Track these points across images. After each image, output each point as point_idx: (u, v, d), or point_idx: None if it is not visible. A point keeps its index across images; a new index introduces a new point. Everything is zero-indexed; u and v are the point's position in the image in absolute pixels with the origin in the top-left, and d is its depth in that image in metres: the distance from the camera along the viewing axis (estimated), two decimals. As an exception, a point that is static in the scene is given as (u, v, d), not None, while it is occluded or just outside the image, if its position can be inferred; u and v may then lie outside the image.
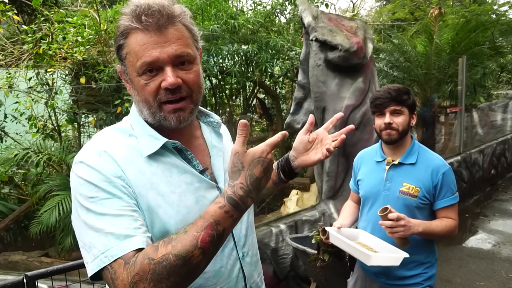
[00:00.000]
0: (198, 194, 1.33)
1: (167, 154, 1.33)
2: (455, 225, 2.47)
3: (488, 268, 5.25)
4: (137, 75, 1.27)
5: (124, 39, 1.28)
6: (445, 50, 8.42)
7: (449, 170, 2.48)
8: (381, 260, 2.21)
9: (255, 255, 1.52)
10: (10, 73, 6.01)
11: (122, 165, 1.26)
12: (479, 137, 10.78)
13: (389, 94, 2.44)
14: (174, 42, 1.25)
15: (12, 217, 6.05)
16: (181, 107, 1.29)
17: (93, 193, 1.20)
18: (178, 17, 1.28)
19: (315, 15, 4.51)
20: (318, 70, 4.39)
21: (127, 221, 1.17)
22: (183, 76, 1.28)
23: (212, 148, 1.48)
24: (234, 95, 7.65)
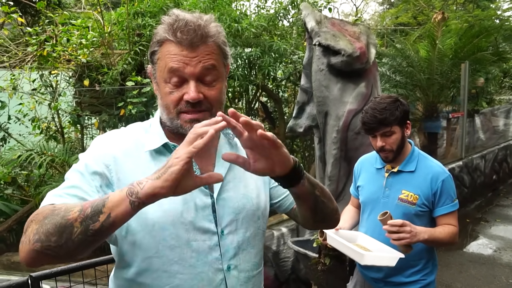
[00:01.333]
0: (187, 196, 1.31)
1: (167, 154, 1.41)
2: (456, 231, 2.47)
3: (489, 273, 5.26)
4: (164, 81, 1.36)
5: (159, 47, 1.36)
6: (448, 55, 8.43)
7: (448, 178, 2.48)
8: (375, 260, 2.20)
9: (247, 271, 1.49)
10: (14, 75, 6.03)
11: (121, 155, 1.38)
12: (481, 142, 10.79)
13: (375, 118, 2.42)
14: (203, 57, 1.33)
15: (15, 218, 6.07)
16: (198, 118, 1.34)
17: (80, 163, 1.36)
18: (212, 37, 1.35)
19: (318, 20, 4.53)
20: (321, 75, 4.41)
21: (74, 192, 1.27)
22: (206, 91, 1.36)
23: (219, 158, 1.49)
24: (237, 98, 7.66)
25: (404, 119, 2.49)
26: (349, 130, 4.45)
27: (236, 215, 1.46)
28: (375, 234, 2.47)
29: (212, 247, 1.40)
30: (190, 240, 1.37)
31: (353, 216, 2.90)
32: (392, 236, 2.25)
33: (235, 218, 1.46)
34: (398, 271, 2.49)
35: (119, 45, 6.41)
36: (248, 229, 1.50)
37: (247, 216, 1.50)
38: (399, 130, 2.46)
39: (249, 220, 1.51)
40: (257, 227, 1.55)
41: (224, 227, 1.43)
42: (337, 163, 4.53)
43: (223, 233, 1.43)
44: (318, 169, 4.81)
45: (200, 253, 1.38)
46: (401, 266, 2.34)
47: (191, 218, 1.37)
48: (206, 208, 1.41)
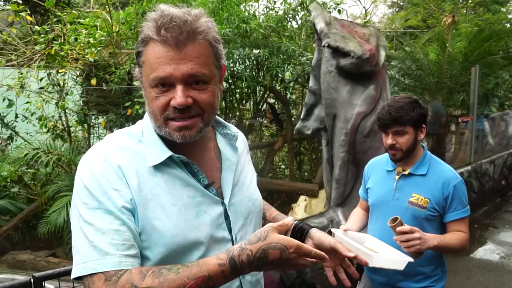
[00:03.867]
0: (200, 208, 1.31)
1: (172, 166, 1.32)
2: (467, 238, 2.43)
3: (497, 280, 5.20)
4: (149, 86, 1.25)
5: (144, 47, 1.26)
6: (457, 59, 8.36)
7: (460, 183, 2.44)
8: (384, 262, 2.14)
9: (255, 275, 1.46)
10: (22, 73, 6.04)
11: (125, 173, 1.26)
12: (490, 147, 10.70)
13: (390, 115, 2.40)
14: (191, 60, 1.21)
15: (20, 217, 6.07)
16: (187, 125, 1.26)
17: (88, 200, 1.21)
18: (201, 33, 1.23)
19: (328, 21, 4.49)
20: (329, 77, 4.37)
21: (111, 236, 1.17)
22: (195, 95, 1.25)
23: (225, 161, 1.45)
24: (245, 99, 7.65)
25: (420, 122, 2.45)
26: (358, 133, 4.42)
27: (245, 219, 1.43)
28: (383, 237, 2.42)
29: None
30: (207, 251, 1.31)
31: (362, 219, 2.86)
32: (402, 245, 2.21)
33: (245, 222, 1.43)
34: (407, 276, 2.46)
35: (127, 45, 6.41)
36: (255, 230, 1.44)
37: (254, 219, 1.48)
38: (412, 131, 2.43)
39: (255, 223, 1.49)
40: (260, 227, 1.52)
41: (237, 232, 1.39)
42: (345, 166, 4.49)
43: (237, 239, 1.39)
44: (326, 172, 4.78)
45: None
46: (410, 271, 2.30)
47: (208, 231, 1.31)
48: (219, 217, 1.36)
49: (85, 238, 1.17)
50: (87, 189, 1.22)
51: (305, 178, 8.18)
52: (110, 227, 1.17)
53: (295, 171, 8.08)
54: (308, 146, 8.47)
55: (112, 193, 1.21)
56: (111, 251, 1.15)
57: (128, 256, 1.17)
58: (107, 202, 1.20)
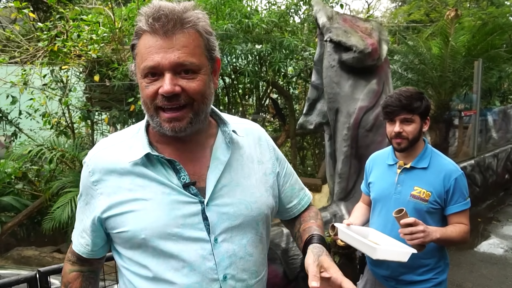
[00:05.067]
0: (173, 206, 1.32)
1: (149, 166, 1.35)
2: (468, 230, 2.44)
3: (500, 273, 5.20)
4: (141, 76, 1.28)
5: (137, 40, 1.29)
6: (460, 53, 8.34)
7: (461, 176, 2.45)
8: (387, 254, 2.13)
9: (244, 280, 1.40)
10: (25, 70, 6.05)
11: (107, 168, 1.37)
12: (493, 141, 10.69)
13: (399, 102, 2.39)
14: (178, 49, 1.23)
15: (25, 213, 6.10)
16: (177, 117, 1.27)
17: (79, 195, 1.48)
18: (189, 23, 1.25)
19: (330, 16, 4.49)
20: (332, 71, 4.37)
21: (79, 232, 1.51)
22: (184, 84, 1.25)
23: (214, 160, 1.41)
24: (247, 94, 7.66)
25: (425, 114, 2.47)
26: (360, 127, 4.42)
27: (231, 222, 1.37)
28: (386, 231, 2.43)
29: (205, 256, 1.33)
30: (180, 250, 1.31)
31: (364, 213, 2.86)
32: (405, 237, 2.22)
33: (230, 225, 1.37)
34: (410, 269, 2.46)
35: (129, 41, 6.39)
36: (245, 236, 1.41)
37: (244, 223, 1.40)
38: (419, 121, 2.43)
39: (246, 227, 1.41)
40: (256, 233, 1.46)
41: (218, 234, 1.35)
42: (348, 160, 4.50)
43: (217, 241, 1.34)
44: (329, 166, 4.78)
45: (192, 263, 1.32)
46: (413, 264, 2.31)
47: (178, 229, 1.31)
48: (194, 216, 1.33)
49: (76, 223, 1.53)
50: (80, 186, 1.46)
51: (308, 173, 8.19)
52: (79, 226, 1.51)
53: (298, 166, 8.09)
54: (311, 141, 8.47)
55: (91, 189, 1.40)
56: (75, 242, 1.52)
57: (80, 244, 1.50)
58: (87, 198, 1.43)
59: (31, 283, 2.28)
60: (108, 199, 1.34)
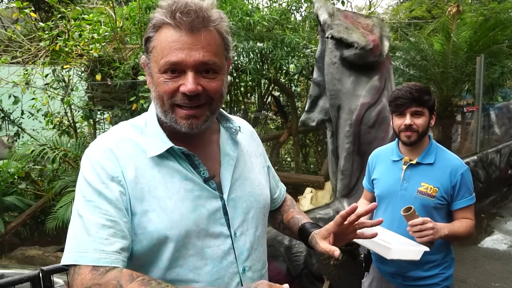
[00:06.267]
0: (197, 202, 1.30)
1: (171, 158, 1.32)
2: (473, 225, 2.45)
3: (504, 269, 5.20)
4: (158, 71, 1.24)
5: (154, 32, 1.25)
6: (462, 49, 8.32)
7: (467, 171, 2.45)
8: (402, 254, 2.15)
9: (259, 270, 1.46)
10: (27, 70, 6.06)
11: (123, 164, 1.27)
12: (496, 136, 10.66)
13: (410, 94, 2.39)
14: (203, 47, 1.21)
15: (28, 213, 6.11)
16: (195, 114, 1.26)
17: (86, 191, 1.24)
18: (214, 22, 1.24)
19: (331, 13, 4.48)
20: (333, 68, 4.37)
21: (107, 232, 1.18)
22: (205, 84, 1.24)
23: (224, 156, 1.43)
24: (249, 92, 7.65)
25: (433, 108, 2.48)
26: (362, 124, 4.41)
27: (245, 215, 1.41)
28: (392, 228, 2.43)
29: (226, 251, 1.34)
30: (203, 247, 1.30)
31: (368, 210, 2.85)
32: (415, 235, 2.21)
33: (245, 218, 1.41)
34: (417, 265, 2.46)
35: (131, 40, 6.42)
36: (258, 228, 1.46)
37: (255, 215, 1.45)
38: (427, 115, 2.44)
39: (258, 219, 1.46)
40: (264, 224, 1.51)
41: (236, 228, 1.37)
42: (350, 157, 4.49)
43: (236, 235, 1.37)
44: (331, 163, 4.78)
45: (215, 260, 1.32)
46: (420, 260, 2.31)
47: (203, 225, 1.30)
48: (217, 211, 1.34)
49: (74, 229, 1.21)
50: (86, 181, 1.25)
51: (311, 170, 8.18)
52: (98, 221, 1.19)
53: (301, 163, 8.09)
54: (314, 138, 8.46)
55: (111, 184, 1.23)
56: (93, 246, 1.16)
57: (111, 252, 1.17)
58: (105, 191, 1.22)
59: (34, 282, 2.29)
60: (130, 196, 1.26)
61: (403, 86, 2.48)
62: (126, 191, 1.24)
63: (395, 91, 2.53)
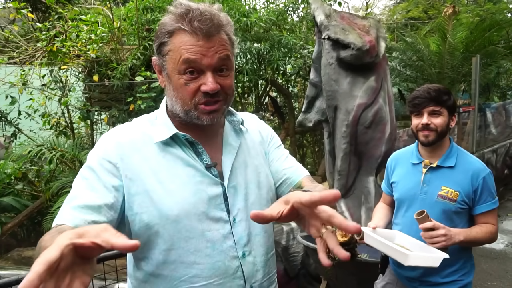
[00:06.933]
0: (198, 187, 1.38)
1: (175, 146, 1.42)
2: (495, 230, 2.39)
3: (500, 268, 5.22)
4: (177, 72, 1.33)
5: (169, 38, 1.34)
6: (458, 49, 8.36)
7: (489, 174, 2.39)
8: (420, 260, 2.09)
9: (262, 255, 1.50)
10: (24, 71, 6.06)
11: (128, 151, 1.37)
12: (492, 136, 10.70)
13: (428, 94, 2.37)
14: (219, 48, 1.32)
15: (25, 213, 6.11)
16: (216, 109, 1.37)
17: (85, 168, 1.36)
18: (225, 26, 1.35)
19: (327, 14, 4.49)
20: (330, 69, 4.38)
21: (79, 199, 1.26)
22: (221, 81, 1.35)
23: (226, 145, 1.51)
24: (247, 93, 7.66)
25: (453, 110, 2.43)
26: (359, 124, 4.43)
27: (246, 202, 1.47)
28: (411, 232, 2.37)
29: (225, 235, 1.40)
30: (204, 230, 1.37)
31: (387, 214, 2.79)
32: (427, 241, 2.18)
33: (245, 204, 1.46)
34: (435, 271, 2.40)
35: (128, 40, 6.42)
36: None
37: (256, 201, 1.49)
38: (446, 115, 2.40)
39: (258, 205, 1.49)
40: None
41: (235, 214, 1.43)
42: (347, 157, 4.50)
43: (235, 220, 1.43)
44: (328, 164, 4.79)
45: (215, 243, 1.39)
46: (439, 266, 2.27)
47: (204, 209, 1.38)
48: (217, 197, 1.41)
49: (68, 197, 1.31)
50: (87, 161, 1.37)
51: (308, 171, 8.18)
52: (82, 193, 1.28)
53: (298, 164, 8.09)
54: (311, 138, 8.48)
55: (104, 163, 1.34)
56: (67, 211, 1.24)
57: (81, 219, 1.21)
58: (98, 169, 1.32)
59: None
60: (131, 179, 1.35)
61: (422, 87, 2.46)
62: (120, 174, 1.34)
63: (413, 91, 2.50)
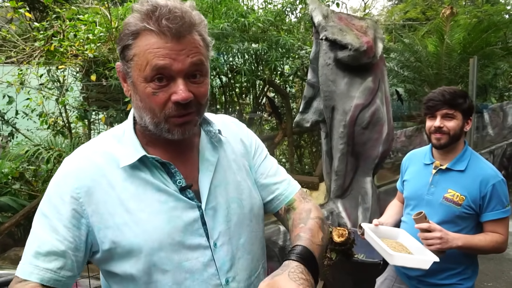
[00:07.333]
0: (172, 214, 1.24)
1: (144, 169, 1.26)
2: (502, 240, 2.35)
3: (497, 268, 5.22)
4: (143, 80, 1.17)
5: (133, 40, 1.17)
6: (456, 50, 8.38)
7: (501, 182, 2.36)
8: (405, 261, 2.11)
9: (246, 280, 1.37)
10: (22, 70, 6.05)
11: (92, 179, 1.22)
12: (489, 137, 10.71)
13: (442, 96, 2.36)
14: (191, 50, 1.16)
15: (22, 213, 6.09)
16: (189, 121, 1.22)
17: (44, 203, 1.22)
18: (198, 25, 1.20)
19: (325, 14, 4.50)
20: (327, 69, 4.39)
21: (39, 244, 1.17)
22: (194, 89, 1.20)
23: (203, 161, 1.36)
24: (244, 93, 7.65)
25: (468, 113, 2.42)
26: (356, 125, 4.44)
27: (227, 223, 1.33)
28: (415, 231, 2.36)
29: (206, 263, 1.27)
30: (181, 260, 1.24)
31: (398, 212, 2.82)
32: (423, 242, 2.20)
33: (227, 226, 1.33)
34: (434, 272, 2.41)
35: (126, 40, 6.40)
36: (241, 235, 1.37)
37: (238, 222, 1.37)
38: (460, 119, 2.38)
39: (241, 226, 1.37)
40: (251, 231, 1.42)
41: (216, 239, 1.30)
42: (344, 158, 4.51)
43: (216, 245, 1.30)
44: (325, 164, 4.80)
45: (194, 273, 1.26)
46: (438, 268, 2.27)
47: (180, 238, 1.24)
48: (194, 222, 1.27)
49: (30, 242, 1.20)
50: (47, 193, 1.23)
51: (306, 171, 8.20)
52: (43, 236, 1.18)
53: (296, 164, 8.10)
54: (308, 139, 8.47)
55: (66, 199, 1.20)
56: (30, 260, 1.16)
57: (43, 269, 1.15)
58: (60, 207, 1.19)
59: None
60: (96, 211, 1.21)
61: (438, 89, 2.45)
62: (84, 209, 1.20)
63: (429, 93, 2.49)
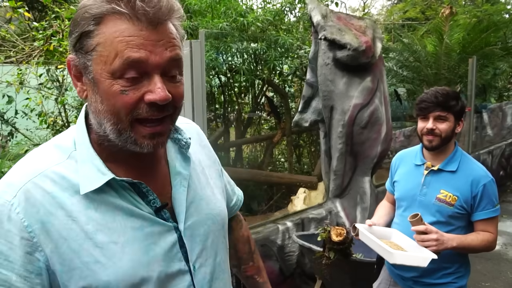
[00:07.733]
0: (149, 241, 1.04)
1: (111, 191, 1.02)
2: (493, 239, 2.38)
3: (495, 269, 5.23)
4: (109, 76, 0.93)
5: (96, 25, 0.92)
6: (455, 50, 8.39)
7: (491, 182, 2.39)
8: (405, 259, 2.12)
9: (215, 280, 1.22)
10: (21, 70, 6.05)
11: (42, 211, 0.95)
12: (488, 138, 10.73)
13: (435, 98, 2.36)
14: (169, 42, 0.96)
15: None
16: (161, 131, 1.00)
17: None
18: (176, 13, 0.98)
19: (324, 14, 4.51)
20: (326, 69, 4.39)
21: None
22: (172, 90, 0.97)
23: (175, 175, 1.16)
24: (243, 93, 7.66)
25: (460, 115, 2.42)
26: (355, 125, 4.45)
27: (204, 243, 1.18)
28: (408, 231, 2.37)
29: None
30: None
31: (388, 212, 2.82)
32: (419, 244, 2.21)
33: (204, 246, 1.18)
34: (428, 272, 2.43)
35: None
36: (218, 253, 1.23)
37: (215, 239, 1.22)
38: (452, 121, 2.39)
39: (217, 243, 1.24)
40: (225, 247, 1.30)
41: (195, 261, 1.14)
42: (343, 157, 4.52)
43: (195, 268, 1.14)
44: (324, 164, 4.81)
45: None
46: (433, 268, 2.28)
47: (161, 267, 1.06)
48: (173, 247, 1.09)
49: None
50: None
51: (304, 171, 8.21)
52: None
53: (294, 164, 8.11)
54: (307, 139, 8.48)
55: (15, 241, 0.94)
56: None
57: None
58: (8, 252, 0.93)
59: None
60: (56, 251, 0.95)
61: (430, 90, 2.45)
62: (41, 249, 0.95)
63: (422, 94, 2.49)
